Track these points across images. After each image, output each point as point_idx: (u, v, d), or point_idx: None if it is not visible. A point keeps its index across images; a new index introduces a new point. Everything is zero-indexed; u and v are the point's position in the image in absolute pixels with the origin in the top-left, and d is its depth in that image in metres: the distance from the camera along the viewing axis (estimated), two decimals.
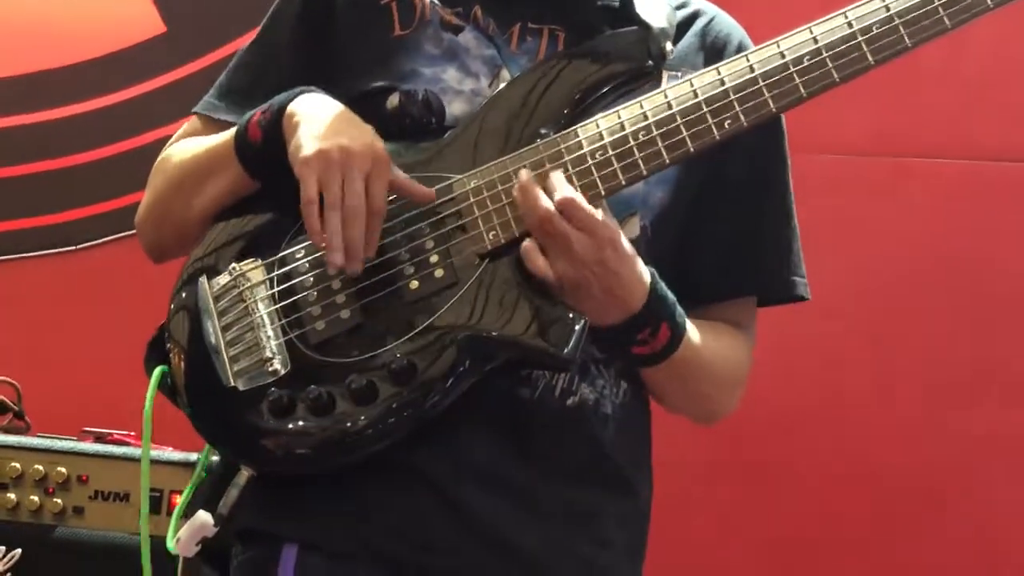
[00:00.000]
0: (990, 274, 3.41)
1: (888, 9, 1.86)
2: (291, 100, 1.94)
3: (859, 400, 3.42)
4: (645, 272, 1.87)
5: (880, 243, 3.40)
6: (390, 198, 1.89)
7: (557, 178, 1.84)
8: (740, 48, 2.09)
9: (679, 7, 2.12)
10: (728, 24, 2.14)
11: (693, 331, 1.96)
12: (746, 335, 2.10)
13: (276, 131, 1.92)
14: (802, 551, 3.42)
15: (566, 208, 1.81)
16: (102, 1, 3.70)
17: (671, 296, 1.91)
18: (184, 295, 1.99)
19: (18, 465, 2.79)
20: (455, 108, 2.00)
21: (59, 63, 3.65)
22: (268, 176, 1.95)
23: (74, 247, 3.61)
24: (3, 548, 2.73)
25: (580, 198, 1.82)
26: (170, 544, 1.96)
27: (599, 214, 1.83)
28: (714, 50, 2.09)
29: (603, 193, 1.87)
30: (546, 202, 1.81)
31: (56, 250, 3.63)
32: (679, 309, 1.92)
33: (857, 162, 3.38)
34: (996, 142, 3.42)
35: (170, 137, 2.18)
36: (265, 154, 1.94)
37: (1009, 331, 3.40)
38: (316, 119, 1.89)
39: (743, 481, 3.42)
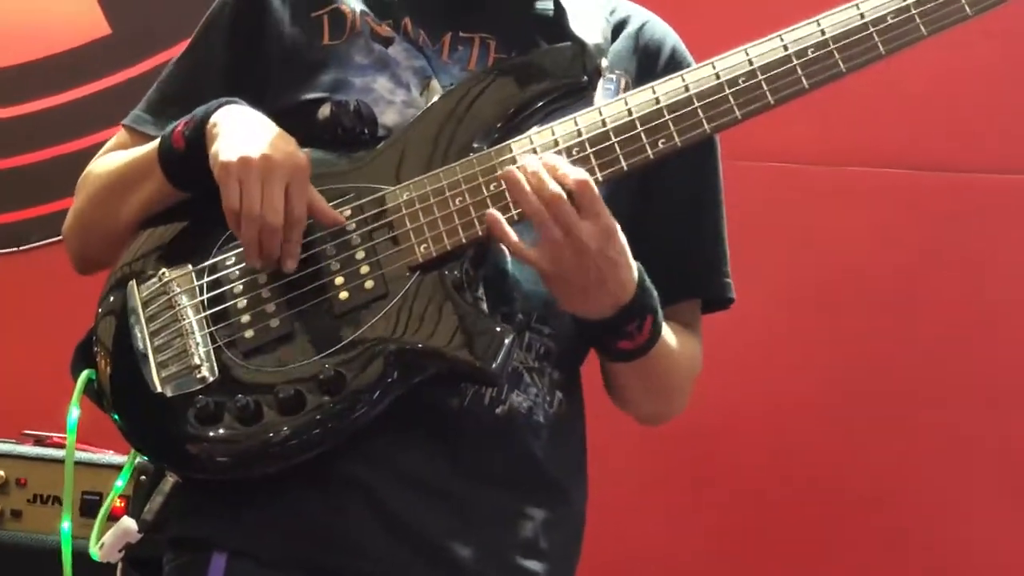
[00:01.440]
0: (931, 281, 3.43)
1: (823, 33, 1.84)
2: (215, 110, 1.92)
3: (803, 404, 3.43)
4: (634, 264, 1.85)
5: (823, 250, 3.41)
6: None
7: (566, 163, 1.81)
8: (674, 53, 2.09)
9: (611, 10, 2.11)
10: (662, 29, 2.12)
11: (665, 329, 1.95)
12: (697, 336, 2.10)
13: (199, 140, 1.90)
14: (746, 556, 3.43)
15: (579, 190, 1.77)
16: (47, 2, 3.70)
17: (655, 290, 1.89)
18: (112, 300, 1.95)
19: None
20: (387, 118, 1.98)
21: (3, 63, 3.66)
22: (190, 185, 1.94)
23: (18, 248, 3.62)
24: None
25: (592, 182, 1.79)
26: (92, 550, 1.95)
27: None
28: (647, 54, 2.08)
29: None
30: (555, 186, 1.77)
31: (2, 250, 3.65)
32: (658, 301, 1.90)
33: (801, 170, 3.40)
34: (939, 153, 3.45)
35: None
36: (187, 162, 1.92)
37: (950, 336, 3.41)
38: (238, 128, 1.87)
39: (686, 487, 3.43)
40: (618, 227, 1.82)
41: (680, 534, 3.40)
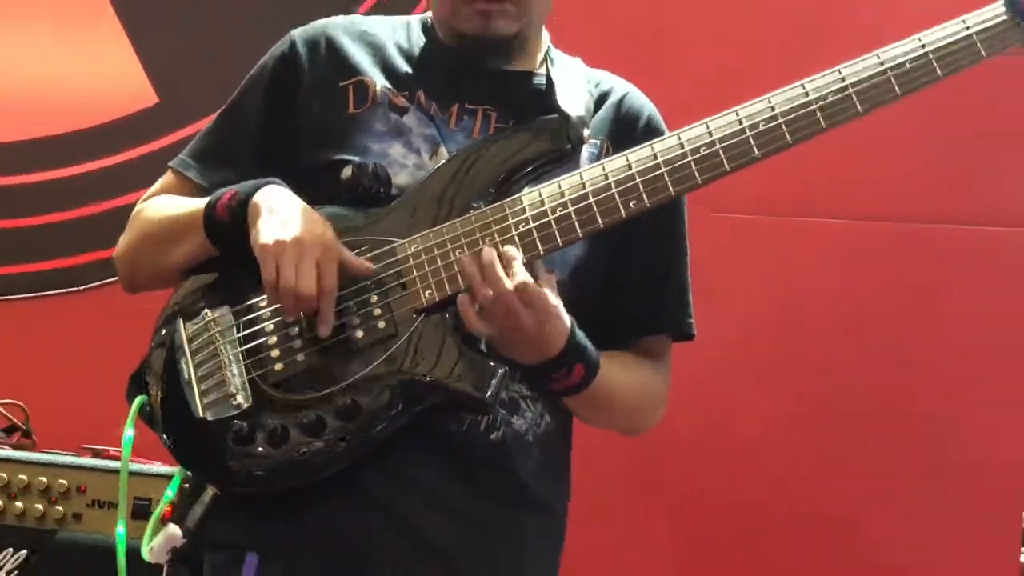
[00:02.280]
0: (870, 320, 3.43)
1: (773, 110, 1.91)
2: (256, 190, 1.98)
3: (756, 429, 3.44)
4: (566, 325, 1.91)
5: (772, 293, 3.42)
6: None
7: (515, 261, 1.88)
8: (649, 120, 2.16)
9: (596, 83, 2.17)
10: (640, 99, 2.18)
11: (609, 368, 2.01)
12: (661, 364, 2.17)
13: (241, 215, 1.96)
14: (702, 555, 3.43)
15: (520, 289, 1.85)
16: (103, 76, 3.67)
17: (586, 343, 1.95)
18: (163, 335, 2.02)
19: (25, 477, 2.78)
20: (400, 179, 2.04)
21: (62, 130, 3.65)
22: (229, 249, 2.00)
23: (77, 288, 3.62)
24: (11, 550, 2.74)
25: (532, 281, 1.86)
26: (144, 552, 2.01)
27: (548, 293, 1.88)
28: (627, 121, 2.14)
29: (524, 260, 1.89)
30: (507, 284, 1.85)
31: (63, 291, 3.62)
32: (592, 353, 1.97)
33: (753, 221, 3.41)
34: (881, 203, 3.44)
35: None
36: (229, 232, 1.98)
37: (884, 371, 3.40)
38: (275, 211, 1.93)
39: (655, 495, 3.44)
40: (551, 299, 1.88)
41: (642, 535, 3.41)
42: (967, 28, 1.92)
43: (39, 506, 2.77)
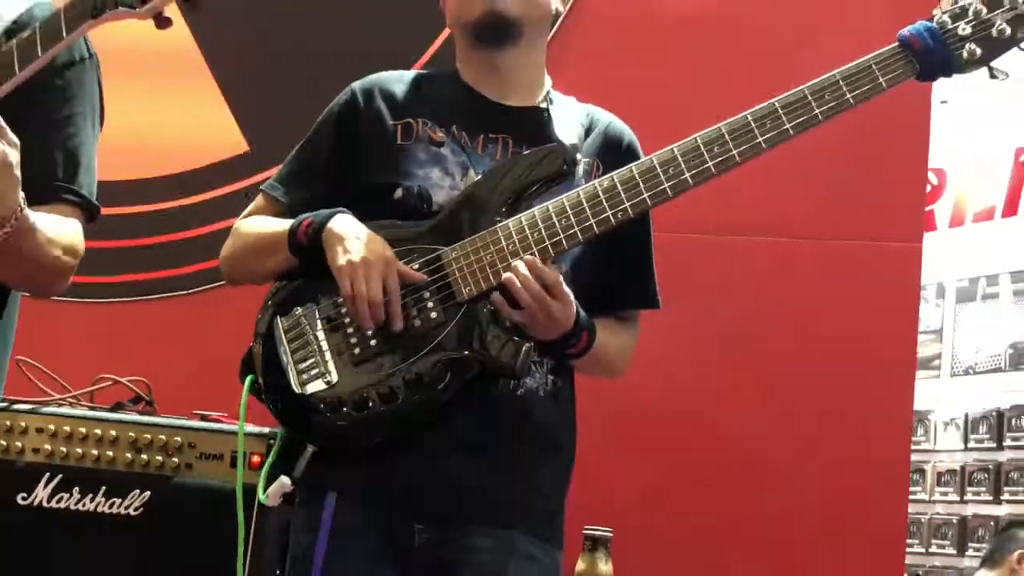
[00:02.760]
0: (782, 315, 3.69)
1: (722, 133, 2.16)
2: (330, 219, 2.21)
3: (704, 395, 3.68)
4: (574, 305, 2.17)
5: (691, 305, 3.56)
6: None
7: (536, 262, 2.12)
8: (630, 144, 2.40)
9: (586, 115, 2.38)
10: (621, 127, 2.43)
11: (600, 332, 2.26)
12: (633, 325, 2.45)
13: (318, 238, 2.22)
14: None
15: (552, 286, 2.12)
16: (203, 128, 3.96)
17: (587, 316, 2.21)
18: (264, 328, 2.27)
19: (148, 436, 2.96)
20: (439, 198, 2.27)
21: (177, 170, 3.90)
22: (309, 262, 2.24)
23: (186, 291, 3.93)
24: (137, 491, 2.91)
25: (561, 279, 2.12)
26: (261, 497, 2.24)
27: (563, 282, 2.12)
28: (612, 144, 2.38)
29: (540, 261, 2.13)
30: (536, 286, 2.10)
31: (174, 293, 3.94)
32: (592, 323, 2.22)
33: (677, 238, 3.50)
34: (797, 223, 3.69)
35: None
36: (308, 251, 2.24)
37: (796, 349, 3.66)
38: (344, 238, 2.19)
39: (630, 440, 3.67)
40: (568, 292, 2.13)
41: (619, 475, 3.60)
42: (870, 63, 2.17)
43: (159, 458, 2.96)
